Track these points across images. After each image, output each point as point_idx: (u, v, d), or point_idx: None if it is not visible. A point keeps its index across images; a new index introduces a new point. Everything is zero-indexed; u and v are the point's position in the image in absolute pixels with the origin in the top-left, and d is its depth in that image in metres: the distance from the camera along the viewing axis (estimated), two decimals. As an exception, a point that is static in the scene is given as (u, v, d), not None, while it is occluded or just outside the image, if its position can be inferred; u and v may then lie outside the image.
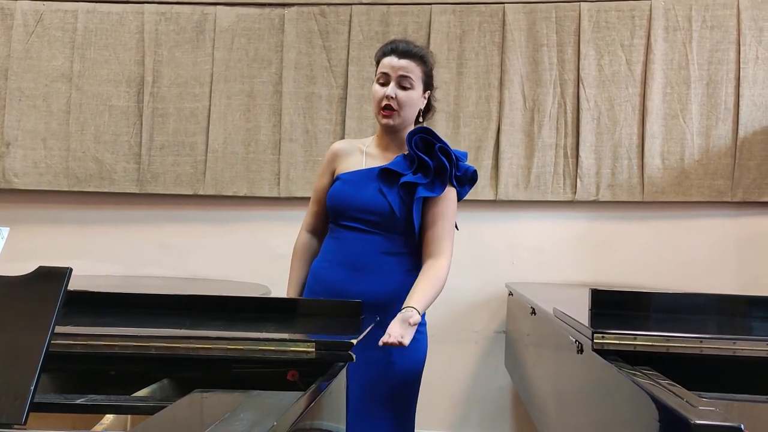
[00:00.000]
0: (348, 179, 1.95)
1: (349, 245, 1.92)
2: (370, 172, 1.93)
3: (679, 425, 0.91)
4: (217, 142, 3.44)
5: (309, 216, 2.08)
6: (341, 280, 1.90)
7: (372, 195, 1.90)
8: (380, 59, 1.95)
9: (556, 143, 3.35)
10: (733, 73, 3.29)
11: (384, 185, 1.89)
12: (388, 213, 1.88)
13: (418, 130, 1.90)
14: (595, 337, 1.36)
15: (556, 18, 3.37)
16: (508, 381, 3.35)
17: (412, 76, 1.91)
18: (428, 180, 1.88)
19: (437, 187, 1.89)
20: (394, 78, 1.90)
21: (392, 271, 1.91)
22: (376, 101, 1.93)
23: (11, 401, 0.89)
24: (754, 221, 3.33)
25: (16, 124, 3.45)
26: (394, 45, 1.95)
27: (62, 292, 0.98)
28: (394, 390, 1.88)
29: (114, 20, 3.47)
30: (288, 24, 3.44)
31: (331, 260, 1.95)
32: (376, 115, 1.95)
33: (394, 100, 1.89)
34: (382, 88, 1.91)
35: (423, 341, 1.95)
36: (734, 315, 1.76)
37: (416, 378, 1.94)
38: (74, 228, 3.52)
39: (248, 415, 0.92)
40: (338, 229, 1.95)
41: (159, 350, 1.27)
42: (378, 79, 1.93)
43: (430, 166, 1.88)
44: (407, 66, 1.91)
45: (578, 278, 3.36)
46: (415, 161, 1.89)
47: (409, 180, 1.87)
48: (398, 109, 1.90)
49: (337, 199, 1.94)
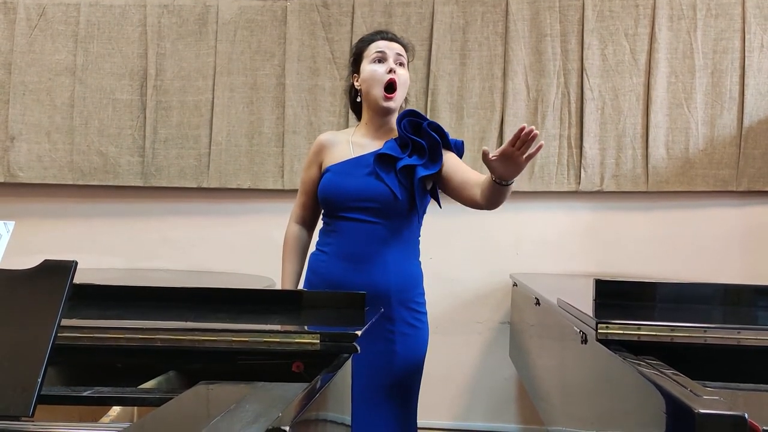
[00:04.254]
0: (338, 170, 1.92)
1: (348, 237, 1.90)
2: (361, 159, 1.91)
3: (683, 414, 0.91)
4: (220, 134, 3.44)
5: (297, 207, 2.05)
6: (342, 273, 1.88)
7: (368, 182, 1.88)
8: (364, 45, 1.94)
9: (560, 134, 3.35)
10: (737, 62, 3.27)
11: (381, 170, 1.87)
12: (389, 198, 1.85)
13: (407, 113, 1.89)
14: (599, 328, 1.35)
15: (559, 8, 3.35)
16: (512, 372, 3.35)
17: (405, 59, 1.93)
18: (425, 160, 1.87)
19: (435, 164, 1.88)
20: (391, 56, 1.90)
21: (394, 260, 1.90)
22: (377, 79, 1.88)
23: (19, 394, 0.90)
24: (759, 211, 3.32)
25: (21, 118, 3.46)
26: (381, 33, 1.96)
27: (68, 286, 0.99)
28: (397, 379, 1.89)
29: (116, 13, 3.47)
30: (290, 16, 3.43)
31: (329, 253, 1.93)
32: (374, 98, 1.90)
33: (396, 75, 1.88)
34: (382, 65, 1.89)
35: (424, 330, 1.95)
36: (739, 304, 1.75)
37: (418, 367, 1.94)
38: (79, 221, 3.53)
39: (254, 407, 0.92)
40: (335, 222, 1.92)
41: (164, 342, 1.27)
42: (373, 58, 1.90)
43: (424, 146, 1.86)
44: (399, 48, 1.93)
45: (582, 269, 3.36)
46: (409, 144, 1.88)
47: (407, 163, 1.85)
48: (398, 88, 1.89)
49: (331, 191, 1.90)
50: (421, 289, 1.98)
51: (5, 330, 0.96)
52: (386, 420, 1.88)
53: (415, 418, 1.97)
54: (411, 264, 1.95)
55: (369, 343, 1.70)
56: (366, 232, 1.88)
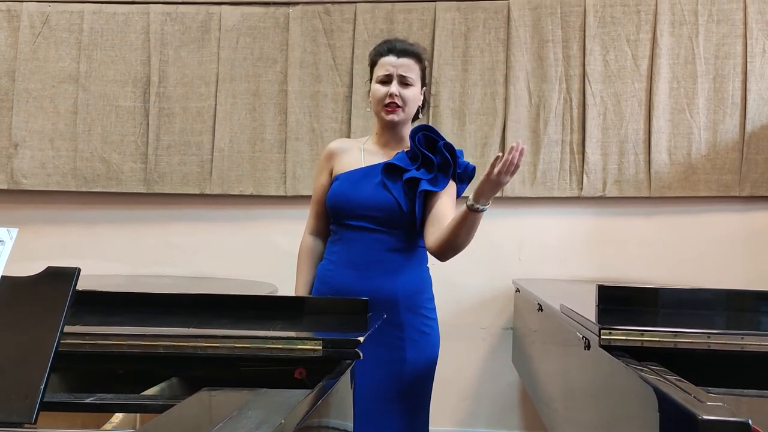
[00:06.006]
0: (347, 178, 1.94)
1: (354, 245, 1.91)
2: (371, 169, 1.93)
3: (686, 421, 0.91)
4: (223, 141, 3.45)
5: (311, 218, 2.06)
6: (349, 281, 1.89)
7: (375, 191, 1.89)
8: (376, 59, 1.95)
9: (562, 139, 3.35)
10: (740, 67, 3.27)
11: (388, 180, 1.89)
12: (394, 208, 1.87)
13: (421, 128, 1.91)
14: (602, 333, 1.35)
15: (561, 14, 3.36)
16: (515, 377, 3.35)
17: (412, 75, 1.93)
18: (432, 176, 1.89)
19: (440, 182, 1.89)
20: (395, 76, 1.91)
21: (401, 267, 1.91)
22: (378, 99, 1.92)
23: (22, 400, 0.90)
24: (762, 216, 3.32)
25: (24, 125, 3.47)
26: (390, 44, 1.96)
27: (71, 292, 0.99)
28: (408, 386, 1.88)
29: (120, 21, 3.49)
30: (293, 22, 3.44)
31: (336, 262, 1.94)
32: (378, 113, 1.94)
33: (398, 97, 1.90)
34: (384, 87, 1.91)
35: (435, 336, 1.96)
36: (742, 310, 1.75)
37: (429, 373, 1.94)
38: (82, 228, 3.54)
39: (256, 413, 0.92)
40: (341, 230, 1.94)
41: (167, 349, 1.28)
42: (378, 79, 1.93)
43: (434, 162, 1.88)
44: (407, 64, 1.93)
45: (585, 274, 3.35)
46: (419, 158, 1.89)
47: (413, 175, 1.87)
48: (402, 105, 1.91)
49: (338, 199, 1.93)
50: (430, 295, 1.99)
51: (9, 336, 0.97)
52: (398, 428, 1.88)
53: (427, 426, 1.96)
54: (418, 270, 1.96)
55: (378, 350, 1.71)
56: (371, 240, 1.90)
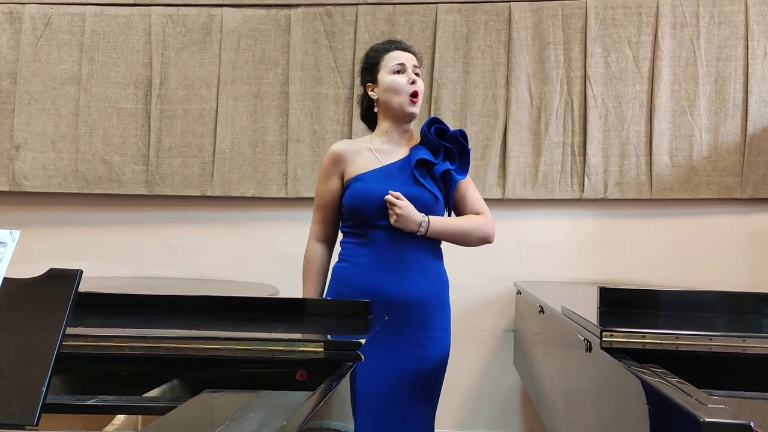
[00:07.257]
0: (371, 177, 1.90)
1: (387, 246, 1.86)
2: (391, 167, 1.93)
3: (688, 423, 0.90)
4: (224, 143, 3.45)
5: (317, 224, 2.00)
6: (381, 283, 1.84)
7: (406, 187, 1.88)
8: (380, 55, 1.97)
9: (564, 141, 3.35)
10: (741, 69, 3.27)
11: (419, 175, 1.90)
12: (431, 202, 1.89)
13: (434, 120, 1.95)
14: (604, 336, 1.35)
15: (562, 16, 3.36)
16: (517, 379, 3.34)
17: (419, 70, 1.99)
18: (455, 166, 1.95)
19: (463, 170, 1.97)
20: (409, 67, 1.94)
21: (432, 265, 1.92)
22: (399, 89, 1.93)
23: (23, 402, 0.90)
24: (764, 218, 3.31)
25: (26, 127, 3.48)
26: (395, 42, 2.01)
27: (73, 294, 0.99)
28: (425, 383, 1.89)
29: (121, 23, 3.49)
30: (294, 25, 3.44)
31: (362, 264, 1.88)
32: (402, 105, 1.94)
33: (416, 86, 1.94)
34: (405, 76, 1.93)
35: (448, 339, 1.98)
36: (744, 312, 1.75)
37: (443, 371, 1.96)
38: (84, 230, 3.54)
39: (258, 415, 0.92)
40: (370, 231, 1.88)
41: (168, 351, 1.28)
42: (392, 69, 1.94)
43: (454, 152, 1.94)
44: (414, 59, 1.99)
45: (586, 276, 3.35)
46: (440, 150, 1.93)
47: (446, 167, 1.91)
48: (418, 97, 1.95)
49: (367, 198, 1.87)
50: (449, 292, 2.01)
51: (10, 338, 0.97)
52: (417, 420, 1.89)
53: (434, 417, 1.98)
54: (442, 267, 1.99)
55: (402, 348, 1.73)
56: (405, 240, 1.87)
